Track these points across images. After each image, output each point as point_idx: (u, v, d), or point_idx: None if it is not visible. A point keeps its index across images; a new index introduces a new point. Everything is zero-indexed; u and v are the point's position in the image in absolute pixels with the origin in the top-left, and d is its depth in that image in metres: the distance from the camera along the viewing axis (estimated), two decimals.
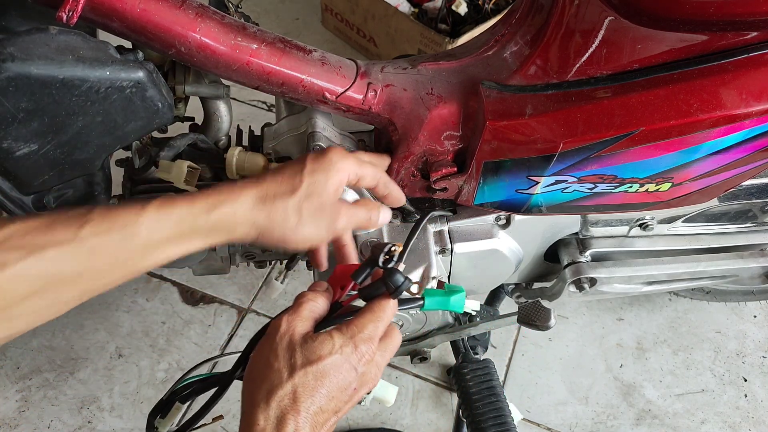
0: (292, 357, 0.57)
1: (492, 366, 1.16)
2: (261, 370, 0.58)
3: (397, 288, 0.61)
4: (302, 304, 0.61)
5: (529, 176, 0.80)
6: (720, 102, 0.71)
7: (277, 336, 0.58)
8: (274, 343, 0.58)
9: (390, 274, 0.61)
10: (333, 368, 0.57)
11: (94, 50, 0.70)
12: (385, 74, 0.84)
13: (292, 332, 0.58)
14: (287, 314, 0.60)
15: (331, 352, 0.57)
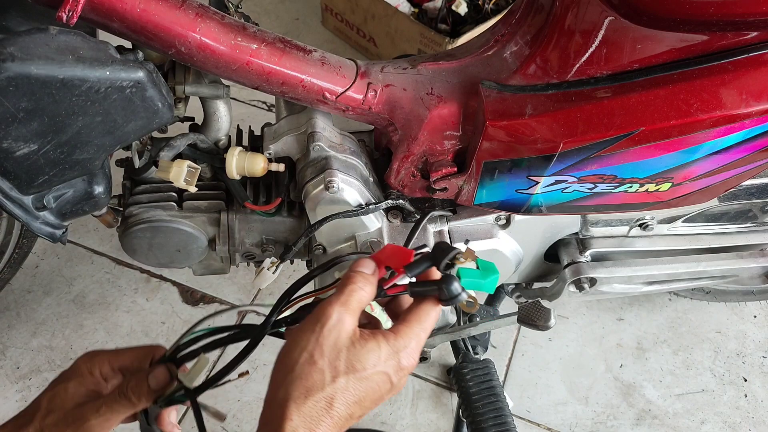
0: (337, 358, 0.54)
1: (492, 366, 1.16)
2: (302, 362, 0.54)
3: (451, 298, 0.56)
4: (352, 292, 0.56)
5: (529, 176, 0.80)
6: (720, 102, 0.71)
7: (325, 328, 0.54)
8: (321, 335, 0.54)
9: (448, 282, 0.56)
10: (374, 380, 0.55)
11: (94, 50, 0.70)
12: (385, 74, 0.84)
13: (340, 328, 0.54)
14: (337, 303, 0.55)
15: (375, 365, 0.54)
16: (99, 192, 0.84)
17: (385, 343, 0.55)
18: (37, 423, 0.59)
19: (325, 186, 0.83)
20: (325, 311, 0.55)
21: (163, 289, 1.44)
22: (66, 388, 0.61)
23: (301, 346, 0.54)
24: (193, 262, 0.99)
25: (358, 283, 0.57)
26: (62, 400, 0.60)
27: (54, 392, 0.61)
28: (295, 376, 0.54)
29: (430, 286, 0.57)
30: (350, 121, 0.89)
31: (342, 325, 0.54)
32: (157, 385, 0.61)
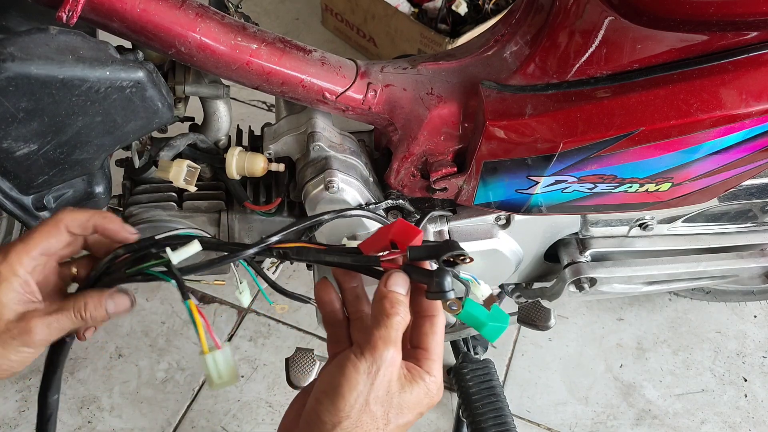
0: (390, 405, 0.52)
1: (492, 366, 1.16)
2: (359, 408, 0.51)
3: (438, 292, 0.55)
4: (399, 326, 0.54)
5: (529, 176, 0.80)
6: (720, 102, 0.71)
7: (381, 371, 0.52)
8: (376, 378, 0.51)
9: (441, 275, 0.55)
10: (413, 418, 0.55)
11: (94, 50, 0.70)
12: (385, 74, 0.84)
13: (392, 370, 0.52)
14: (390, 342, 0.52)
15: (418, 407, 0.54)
16: (99, 192, 0.84)
17: (425, 387, 0.54)
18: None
19: (325, 186, 0.83)
20: (380, 353, 0.52)
21: (163, 289, 1.44)
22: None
23: (356, 390, 0.51)
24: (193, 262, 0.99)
25: (402, 313, 0.54)
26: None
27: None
28: (351, 424, 0.51)
29: (421, 274, 0.56)
30: (350, 121, 0.89)
31: (394, 366, 0.53)
32: (115, 310, 0.58)
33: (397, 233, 0.56)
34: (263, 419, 1.27)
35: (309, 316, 1.41)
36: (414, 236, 0.55)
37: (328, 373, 0.53)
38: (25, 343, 0.55)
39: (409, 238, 0.55)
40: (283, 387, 1.30)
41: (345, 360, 0.52)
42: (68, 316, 0.57)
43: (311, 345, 1.37)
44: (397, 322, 0.53)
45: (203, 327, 0.55)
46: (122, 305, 0.59)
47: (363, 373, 0.51)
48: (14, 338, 0.55)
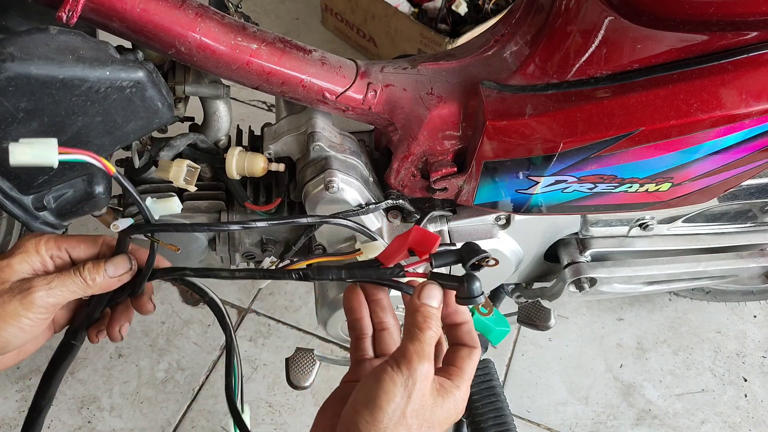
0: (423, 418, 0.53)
1: (492, 366, 1.16)
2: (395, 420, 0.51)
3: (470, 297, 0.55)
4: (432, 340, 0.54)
5: (529, 176, 0.80)
6: (720, 102, 0.71)
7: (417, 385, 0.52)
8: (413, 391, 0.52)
9: (471, 280, 0.55)
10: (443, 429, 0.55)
11: (94, 50, 0.70)
12: (385, 74, 0.84)
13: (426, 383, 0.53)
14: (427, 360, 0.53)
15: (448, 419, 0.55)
16: (99, 192, 0.84)
17: (454, 399, 0.55)
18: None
19: (325, 186, 0.83)
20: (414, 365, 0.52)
21: (163, 289, 1.44)
22: (10, 263, 0.57)
23: (393, 402, 0.51)
24: (193, 262, 0.99)
25: (435, 328, 0.55)
26: (6, 273, 0.56)
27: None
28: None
29: (451, 280, 0.56)
30: (350, 121, 0.89)
31: (428, 380, 0.53)
32: (114, 273, 0.59)
33: (415, 241, 0.56)
34: (263, 419, 1.27)
35: (309, 317, 1.41)
36: (433, 243, 0.56)
37: (365, 385, 0.53)
38: (26, 306, 0.55)
39: (428, 245, 0.56)
40: (283, 387, 1.30)
41: (382, 372, 0.53)
42: (68, 276, 0.57)
43: (311, 345, 1.37)
44: (429, 337, 0.54)
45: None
46: (121, 267, 0.60)
47: (400, 386, 0.52)
48: (14, 296, 0.55)
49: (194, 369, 1.33)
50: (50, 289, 0.56)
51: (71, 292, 0.57)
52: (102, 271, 0.59)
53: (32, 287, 0.55)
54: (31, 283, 0.56)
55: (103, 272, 0.59)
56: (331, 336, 0.96)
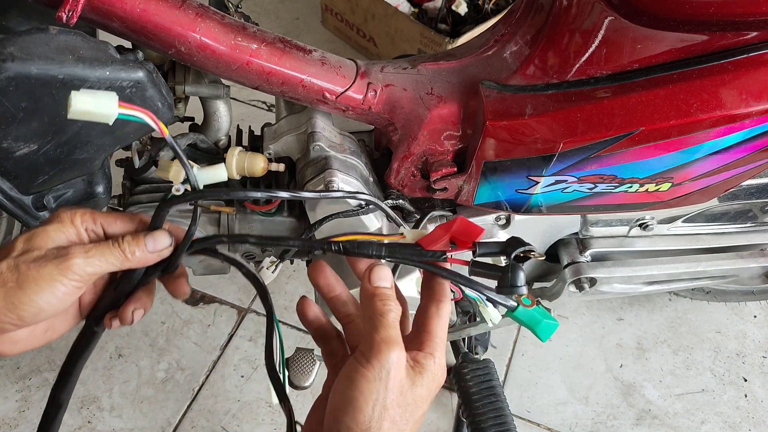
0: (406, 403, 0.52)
1: (492, 366, 1.16)
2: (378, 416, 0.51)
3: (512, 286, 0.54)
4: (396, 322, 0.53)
5: (529, 176, 0.80)
6: (720, 102, 0.71)
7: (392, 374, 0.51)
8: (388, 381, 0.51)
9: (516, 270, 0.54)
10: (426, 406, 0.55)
11: (94, 50, 0.69)
12: (385, 74, 0.84)
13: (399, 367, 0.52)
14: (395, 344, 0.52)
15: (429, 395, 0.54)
16: (99, 192, 0.84)
17: (431, 371, 0.54)
18: (11, 260, 0.52)
19: (325, 186, 0.83)
20: (386, 356, 0.51)
21: (163, 289, 1.44)
22: (46, 230, 0.55)
23: (372, 399, 0.50)
24: (193, 262, 0.99)
25: (394, 308, 0.54)
26: (42, 240, 0.54)
27: (32, 234, 0.54)
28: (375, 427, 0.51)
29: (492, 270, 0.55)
30: (350, 121, 0.89)
31: (401, 364, 0.52)
32: (154, 248, 0.57)
33: (459, 231, 0.55)
34: (263, 419, 1.27)
35: None
36: (477, 234, 0.55)
37: (339, 389, 0.52)
38: (62, 271, 0.52)
39: (471, 236, 0.55)
40: None
41: (353, 372, 0.52)
42: (107, 246, 0.55)
43: (311, 345, 1.37)
44: (392, 320, 0.53)
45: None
46: (161, 242, 0.57)
47: (375, 381, 0.51)
48: (50, 261, 0.52)
49: (194, 369, 1.33)
50: (88, 257, 0.53)
51: (109, 264, 0.55)
52: (142, 244, 0.56)
53: (70, 254, 0.53)
54: (69, 249, 0.53)
55: (143, 246, 0.56)
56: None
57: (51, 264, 0.52)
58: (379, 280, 0.55)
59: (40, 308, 0.53)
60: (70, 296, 0.54)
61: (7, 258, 0.53)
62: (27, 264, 0.52)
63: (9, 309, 0.52)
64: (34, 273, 0.52)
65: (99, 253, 0.54)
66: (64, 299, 0.54)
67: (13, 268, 0.52)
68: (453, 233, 0.55)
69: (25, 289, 0.52)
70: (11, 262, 0.52)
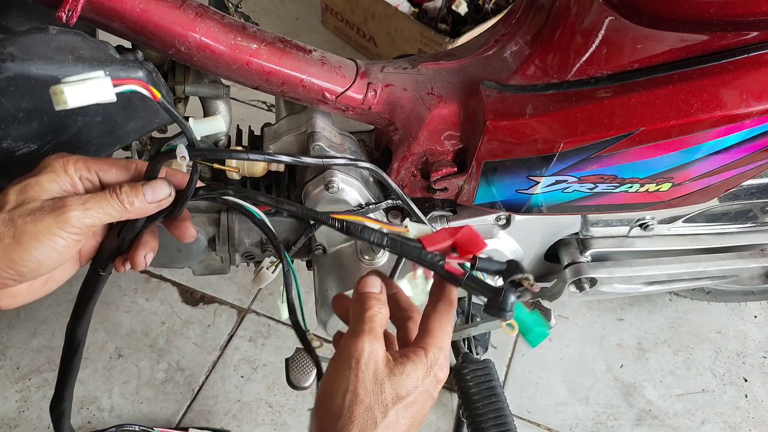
0: (381, 392, 0.51)
1: (492, 366, 1.16)
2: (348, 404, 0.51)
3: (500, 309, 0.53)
4: (374, 318, 0.54)
5: (530, 176, 0.80)
6: (720, 102, 0.71)
7: (362, 363, 0.51)
8: (359, 371, 0.51)
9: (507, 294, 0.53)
10: (419, 402, 0.53)
11: (93, 50, 0.70)
12: (385, 74, 0.84)
13: (375, 359, 0.52)
14: (365, 334, 0.52)
15: (417, 386, 0.53)
16: None
17: (420, 362, 0.53)
18: (5, 214, 0.50)
19: (325, 186, 0.83)
20: (355, 346, 0.52)
21: (163, 289, 1.44)
22: (39, 180, 0.52)
23: (342, 388, 0.51)
24: (193, 262, 0.99)
25: (375, 307, 0.55)
26: (36, 191, 0.52)
27: (24, 185, 0.52)
28: (345, 421, 0.51)
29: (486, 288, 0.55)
30: (350, 121, 0.88)
31: (376, 355, 0.52)
32: (153, 198, 0.55)
33: (463, 239, 0.55)
34: (263, 419, 1.27)
35: (309, 317, 1.41)
36: (481, 247, 0.55)
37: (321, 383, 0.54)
38: (60, 224, 0.51)
39: (474, 247, 0.55)
40: (283, 387, 1.30)
41: (328, 366, 0.54)
42: (104, 197, 0.53)
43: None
44: (369, 315, 0.54)
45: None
46: (161, 192, 0.56)
47: (342, 370, 0.52)
48: (47, 214, 0.51)
49: (194, 369, 1.33)
50: (86, 209, 0.52)
51: (107, 215, 0.53)
52: (140, 195, 0.54)
53: (66, 206, 0.51)
54: (65, 201, 0.51)
55: (142, 196, 0.54)
56: (331, 336, 0.96)
57: (48, 217, 0.51)
58: (366, 286, 0.57)
59: (39, 263, 0.52)
60: (70, 249, 0.53)
61: (1, 211, 0.51)
62: (23, 218, 0.50)
63: (8, 265, 0.51)
64: (31, 228, 0.50)
65: (97, 204, 0.53)
66: (63, 252, 0.52)
67: (9, 223, 0.50)
68: (457, 240, 0.55)
69: (23, 245, 0.50)
70: (5, 216, 0.51)
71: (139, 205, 0.55)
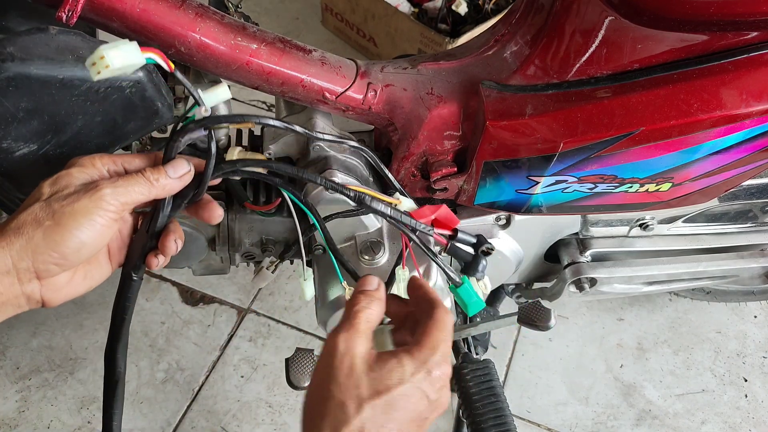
0: (357, 387, 0.50)
1: (492, 366, 1.16)
2: (322, 401, 0.50)
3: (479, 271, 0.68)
4: (357, 314, 0.53)
5: (530, 176, 0.80)
6: (720, 102, 0.71)
7: (336, 359, 0.51)
8: (332, 367, 0.50)
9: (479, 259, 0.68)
10: (403, 399, 0.50)
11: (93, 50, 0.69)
12: (385, 74, 0.84)
13: (352, 355, 0.51)
14: (343, 329, 0.52)
15: (401, 381, 0.50)
16: None
17: (407, 358, 0.51)
18: (42, 202, 0.53)
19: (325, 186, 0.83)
20: (331, 342, 0.52)
21: (163, 289, 1.44)
22: (69, 173, 0.56)
23: (316, 385, 0.52)
24: (192, 262, 0.99)
25: (362, 302, 0.55)
26: (68, 181, 0.55)
27: (55, 178, 0.55)
28: (318, 418, 0.50)
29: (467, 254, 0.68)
30: (350, 121, 0.88)
31: (353, 351, 0.51)
32: (175, 174, 0.58)
33: (441, 215, 0.66)
34: (263, 419, 1.27)
35: (309, 317, 1.41)
36: (456, 223, 0.67)
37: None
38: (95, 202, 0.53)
39: (452, 222, 0.67)
40: (283, 387, 1.30)
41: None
42: (132, 177, 0.56)
43: (311, 345, 1.37)
44: (355, 312, 0.54)
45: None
46: (181, 168, 0.59)
47: (319, 368, 0.53)
48: (82, 195, 0.53)
49: (194, 369, 1.33)
50: (116, 188, 0.54)
51: (137, 193, 0.56)
52: (163, 172, 0.58)
53: (99, 185, 0.54)
54: (97, 183, 0.55)
55: (165, 173, 0.58)
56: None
57: (84, 197, 0.53)
58: (363, 285, 0.58)
59: (81, 243, 0.54)
60: (107, 228, 0.55)
61: (37, 201, 0.53)
62: (59, 202, 0.53)
63: (51, 248, 0.53)
64: (69, 209, 0.53)
65: (126, 183, 0.55)
66: (102, 232, 0.55)
67: (46, 208, 0.53)
68: (438, 216, 0.66)
69: (64, 225, 0.53)
70: (43, 203, 0.53)
71: (164, 181, 0.58)
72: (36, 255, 0.53)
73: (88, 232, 0.53)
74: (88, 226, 0.53)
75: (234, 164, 0.64)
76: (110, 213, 0.54)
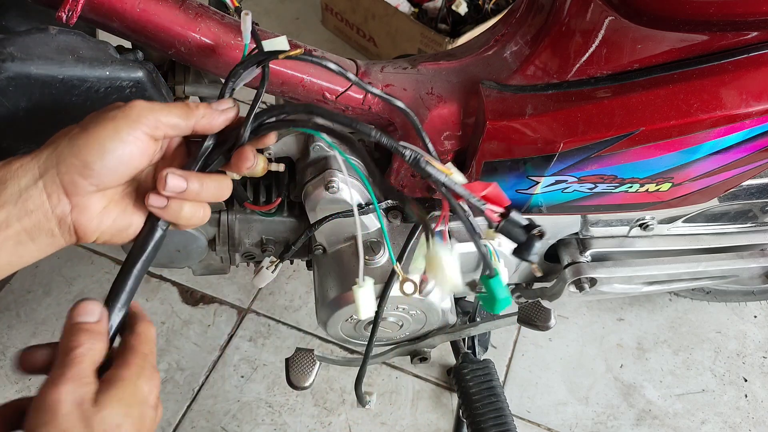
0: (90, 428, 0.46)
1: (492, 366, 1.16)
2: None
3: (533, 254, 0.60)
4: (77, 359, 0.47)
5: (529, 176, 0.80)
6: (720, 102, 0.71)
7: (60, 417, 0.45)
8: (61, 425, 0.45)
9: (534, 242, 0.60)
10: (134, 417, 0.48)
11: (93, 50, 0.69)
12: (385, 74, 0.84)
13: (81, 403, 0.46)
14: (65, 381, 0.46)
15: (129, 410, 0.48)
16: None
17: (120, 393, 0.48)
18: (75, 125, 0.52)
19: (325, 186, 0.83)
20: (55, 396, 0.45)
21: (163, 289, 1.44)
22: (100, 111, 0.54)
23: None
24: (192, 262, 0.99)
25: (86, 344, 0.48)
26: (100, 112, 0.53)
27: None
28: None
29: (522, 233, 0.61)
30: None
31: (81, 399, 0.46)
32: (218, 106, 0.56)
33: (491, 194, 0.62)
34: (263, 419, 1.27)
35: (309, 317, 1.41)
36: (507, 202, 0.62)
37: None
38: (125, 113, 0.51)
39: (502, 201, 0.62)
40: (283, 387, 1.30)
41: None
42: (172, 104, 0.54)
43: (311, 345, 1.37)
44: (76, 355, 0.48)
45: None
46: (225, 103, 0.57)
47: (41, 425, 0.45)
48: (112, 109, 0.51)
49: (194, 369, 1.33)
50: (152, 107, 0.52)
51: (174, 115, 0.53)
52: (209, 107, 0.55)
53: (133, 103, 0.52)
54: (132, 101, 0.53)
55: (211, 108, 0.55)
56: (331, 336, 0.96)
57: (115, 109, 0.51)
58: (79, 315, 0.50)
59: (104, 150, 0.50)
60: (137, 145, 0.51)
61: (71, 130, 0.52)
62: (90, 117, 0.52)
63: (74, 154, 0.50)
64: (98, 117, 0.51)
65: (162, 105, 0.53)
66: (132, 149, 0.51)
67: (77, 125, 0.52)
68: (488, 194, 0.62)
69: (88, 131, 0.50)
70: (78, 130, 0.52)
71: (204, 110, 0.55)
72: (60, 163, 0.50)
73: (114, 142, 0.50)
74: (113, 133, 0.50)
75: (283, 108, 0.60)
76: (142, 126, 0.51)
